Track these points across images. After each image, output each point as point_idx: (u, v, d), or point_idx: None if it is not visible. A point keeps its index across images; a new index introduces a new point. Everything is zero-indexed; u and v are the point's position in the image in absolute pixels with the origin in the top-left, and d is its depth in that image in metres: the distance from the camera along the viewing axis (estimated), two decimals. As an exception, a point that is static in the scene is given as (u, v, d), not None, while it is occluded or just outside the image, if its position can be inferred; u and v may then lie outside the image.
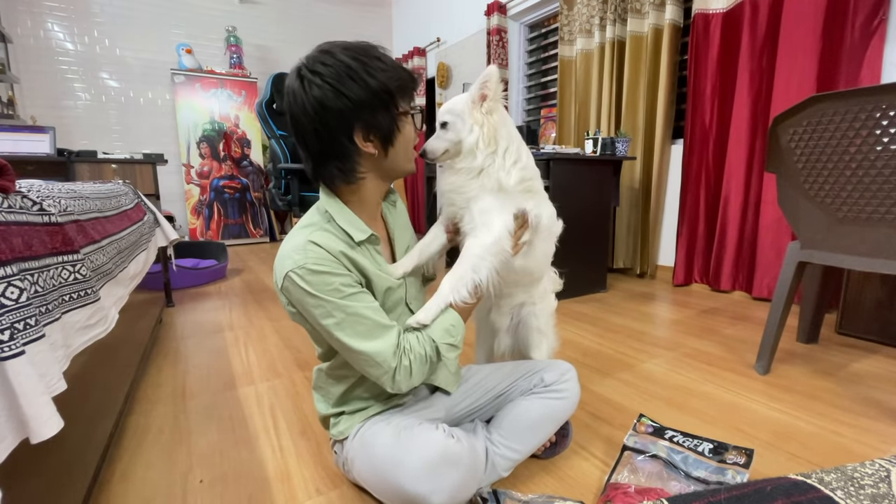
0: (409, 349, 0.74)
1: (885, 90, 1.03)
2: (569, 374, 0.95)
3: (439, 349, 0.77)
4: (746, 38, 2.21)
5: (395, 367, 0.72)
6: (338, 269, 0.72)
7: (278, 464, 0.99)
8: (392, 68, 0.73)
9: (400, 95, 0.75)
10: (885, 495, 0.46)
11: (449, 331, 0.78)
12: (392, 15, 5.45)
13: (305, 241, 0.71)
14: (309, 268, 0.69)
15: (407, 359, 0.74)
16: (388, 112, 0.74)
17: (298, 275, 0.69)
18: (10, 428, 0.50)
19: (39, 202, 0.71)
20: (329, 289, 0.70)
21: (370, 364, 0.72)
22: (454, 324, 0.79)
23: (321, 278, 0.70)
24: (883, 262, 1.16)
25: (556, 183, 2.26)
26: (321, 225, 0.76)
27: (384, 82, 0.72)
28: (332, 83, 0.69)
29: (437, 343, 0.77)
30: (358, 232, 0.77)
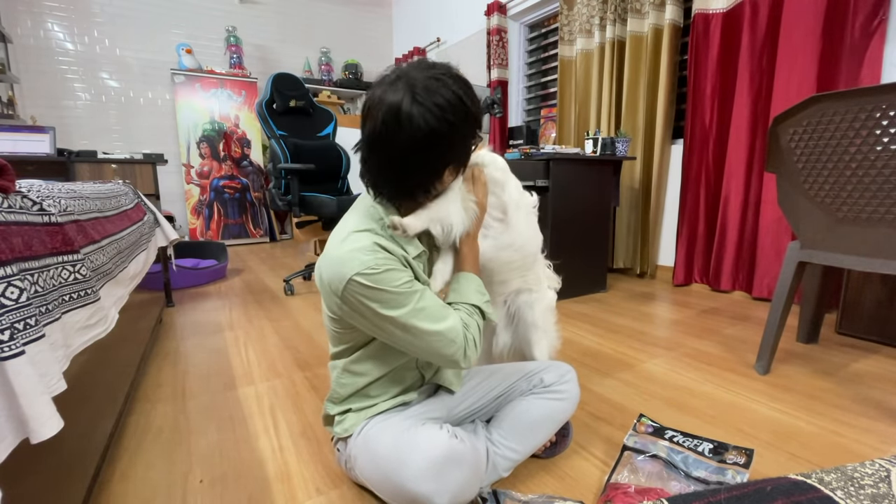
0: (467, 322, 0.78)
1: (885, 90, 1.03)
2: (569, 375, 0.95)
3: (482, 310, 0.81)
4: (746, 38, 2.21)
5: (465, 344, 0.77)
6: (402, 267, 0.74)
7: (278, 464, 0.99)
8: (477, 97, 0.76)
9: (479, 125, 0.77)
10: (885, 495, 0.46)
11: (479, 290, 0.83)
12: (392, 15, 5.45)
13: (372, 243, 0.72)
14: (377, 267, 0.70)
15: (469, 333, 0.78)
16: (470, 138, 0.76)
17: (366, 275, 0.69)
18: (10, 428, 0.50)
19: (39, 202, 0.71)
20: (399, 283, 0.72)
21: (445, 343, 0.75)
22: (476, 288, 0.83)
23: (391, 275, 0.71)
24: (883, 262, 1.16)
25: (556, 183, 2.26)
26: (379, 231, 0.76)
27: (478, 113, 0.75)
28: (446, 115, 0.70)
29: (479, 305, 0.81)
30: (413, 248, 0.79)
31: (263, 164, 4.55)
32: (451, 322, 0.76)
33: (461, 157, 0.77)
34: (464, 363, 0.78)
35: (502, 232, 0.92)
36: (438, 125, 0.69)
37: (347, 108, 5.19)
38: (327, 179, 2.82)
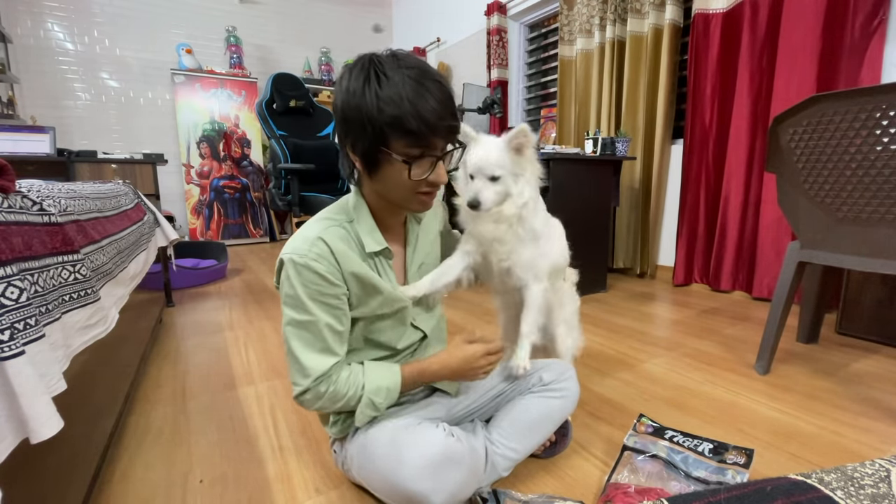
0: (333, 381, 0.74)
1: (885, 90, 1.03)
2: (568, 373, 0.95)
3: (361, 399, 0.76)
4: (746, 38, 2.21)
5: (311, 388, 0.73)
6: (330, 276, 0.72)
7: (278, 464, 0.99)
8: (401, 103, 0.63)
9: (393, 134, 0.65)
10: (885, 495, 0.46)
11: (381, 391, 0.77)
12: (392, 15, 5.45)
13: (316, 237, 0.72)
14: (305, 262, 0.70)
15: (325, 387, 0.73)
16: (372, 143, 0.67)
17: (294, 262, 0.71)
18: (10, 428, 0.50)
19: (39, 202, 0.71)
20: (311, 288, 0.71)
21: (298, 372, 0.74)
22: (390, 388, 0.77)
23: (311, 276, 0.71)
24: (883, 262, 1.16)
25: (556, 183, 2.25)
26: (342, 222, 0.77)
27: (376, 113, 0.64)
28: (348, 82, 0.66)
29: (364, 394, 0.76)
30: (372, 243, 0.77)
31: (263, 164, 4.55)
32: (318, 362, 0.73)
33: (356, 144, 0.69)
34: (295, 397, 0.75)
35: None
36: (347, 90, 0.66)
37: (347, 108, 5.19)
38: (327, 179, 2.82)
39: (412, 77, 0.64)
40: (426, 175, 0.70)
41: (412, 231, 0.88)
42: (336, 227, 0.75)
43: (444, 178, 0.73)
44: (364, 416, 0.76)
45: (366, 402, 0.75)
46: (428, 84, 0.65)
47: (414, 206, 0.77)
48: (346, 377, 0.75)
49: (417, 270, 0.89)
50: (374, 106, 0.63)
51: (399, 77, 0.64)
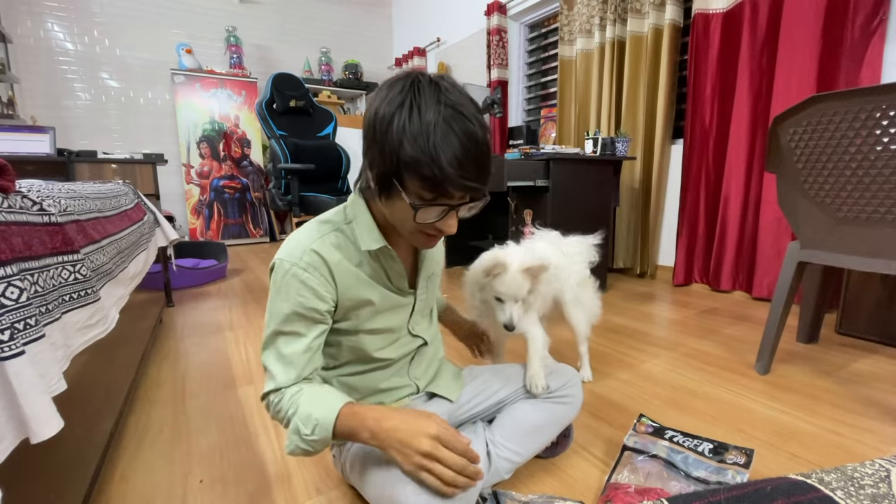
0: (281, 396, 0.70)
1: (885, 90, 1.03)
2: (573, 380, 0.95)
3: (291, 423, 0.68)
4: (746, 38, 2.21)
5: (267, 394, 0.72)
6: (319, 289, 0.70)
7: (278, 464, 0.99)
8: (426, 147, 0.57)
9: (407, 172, 0.60)
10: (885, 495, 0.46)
11: (310, 421, 0.66)
12: (392, 15, 5.45)
13: (308, 248, 0.70)
14: (295, 271, 0.69)
15: (276, 398, 0.71)
16: (387, 172, 0.62)
17: (284, 269, 0.70)
18: (10, 428, 0.50)
19: (39, 202, 0.71)
20: (294, 299, 0.70)
21: (267, 374, 0.73)
22: (320, 421, 0.65)
23: (297, 286, 0.69)
24: (883, 262, 1.16)
25: (556, 183, 2.25)
26: (338, 225, 0.74)
27: (399, 146, 0.59)
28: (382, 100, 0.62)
29: (295, 419, 0.68)
30: (370, 241, 0.72)
31: (263, 164, 4.55)
32: (284, 374, 0.70)
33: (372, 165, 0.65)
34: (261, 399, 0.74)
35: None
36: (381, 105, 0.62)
37: (347, 108, 5.19)
38: (327, 179, 2.82)
39: (445, 118, 0.58)
40: (434, 221, 0.65)
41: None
42: (332, 233, 0.73)
43: (453, 230, 0.67)
44: (291, 443, 0.67)
45: (293, 427, 0.67)
46: (459, 129, 0.59)
47: (414, 242, 0.73)
48: (293, 395, 0.70)
49: (427, 280, 0.87)
50: (396, 138, 0.59)
51: (432, 114, 0.58)
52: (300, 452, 0.67)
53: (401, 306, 0.82)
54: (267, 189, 4.34)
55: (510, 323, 0.98)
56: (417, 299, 0.85)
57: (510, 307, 0.99)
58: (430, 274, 0.88)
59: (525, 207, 2.46)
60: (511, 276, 0.98)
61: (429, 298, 0.89)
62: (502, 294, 0.99)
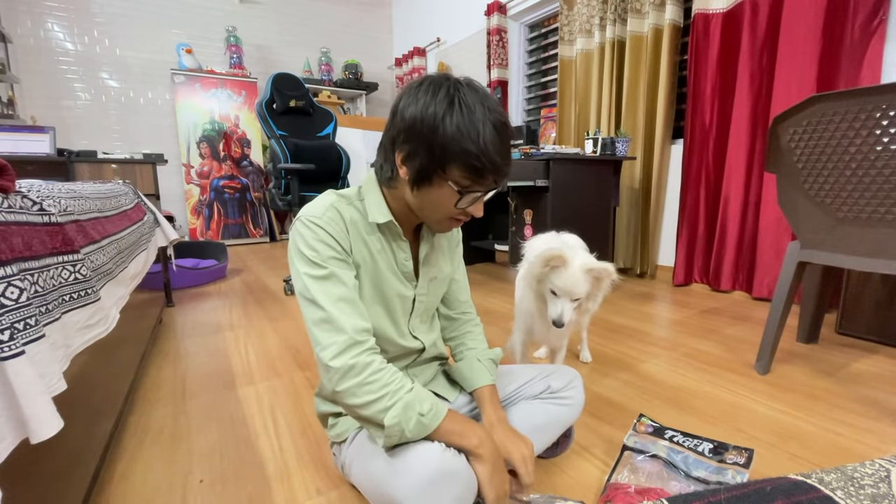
0: (375, 353, 0.69)
1: (885, 90, 1.03)
2: (575, 382, 0.95)
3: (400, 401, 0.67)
4: (746, 38, 2.21)
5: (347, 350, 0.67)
6: (342, 242, 0.73)
7: (278, 464, 0.99)
8: (477, 140, 0.65)
9: (457, 163, 0.67)
10: (885, 495, 0.46)
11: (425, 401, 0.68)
12: (392, 15, 5.45)
13: (329, 205, 0.74)
14: (321, 223, 0.72)
15: (365, 359, 0.68)
16: (432, 163, 0.68)
17: (306, 220, 0.72)
18: (10, 428, 0.50)
19: (39, 202, 0.71)
20: (326, 245, 0.72)
21: (329, 330, 0.69)
22: (434, 405, 0.69)
23: (325, 236, 0.72)
24: (883, 263, 1.16)
25: (556, 183, 2.26)
26: (352, 200, 0.78)
27: (450, 140, 0.65)
28: (428, 101, 0.67)
29: (407, 395, 0.67)
30: (378, 214, 0.76)
31: (263, 164, 4.55)
32: (354, 321, 0.69)
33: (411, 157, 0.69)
34: (326, 366, 0.68)
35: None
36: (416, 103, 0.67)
37: (347, 108, 5.19)
38: (327, 179, 2.82)
39: (492, 119, 0.67)
40: (467, 206, 0.73)
41: (426, 240, 0.86)
42: (347, 205, 0.77)
43: (481, 213, 0.75)
44: (397, 418, 0.66)
45: (407, 402, 0.66)
46: (501, 127, 0.68)
47: (439, 227, 0.78)
48: (394, 371, 0.69)
49: (429, 281, 0.87)
50: (452, 134, 0.65)
51: (480, 113, 0.66)
52: (398, 430, 0.66)
53: (402, 294, 0.82)
54: (267, 189, 4.34)
55: (560, 319, 0.97)
56: (418, 297, 0.84)
57: (563, 303, 0.98)
58: (433, 277, 0.88)
59: (525, 207, 2.46)
60: (571, 272, 0.97)
61: (429, 301, 0.88)
62: (558, 288, 0.98)
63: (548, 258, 0.98)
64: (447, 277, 0.93)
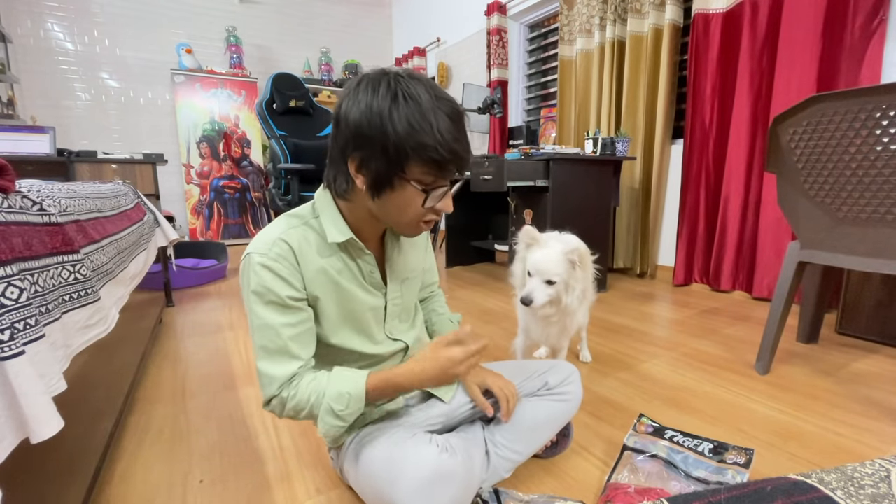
0: (295, 386, 0.71)
1: (885, 90, 1.03)
2: (573, 377, 0.95)
3: (321, 406, 0.70)
4: (746, 38, 2.21)
5: (275, 395, 0.71)
6: (290, 278, 0.70)
7: (278, 464, 0.99)
8: (432, 131, 0.62)
9: (415, 159, 0.63)
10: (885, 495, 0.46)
11: (342, 398, 0.69)
12: (392, 15, 5.45)
13: (277, 238, 0.71)
14: (264, 262, 0.69)
15: (287, 393, 0.70)
16: (390, 166, 0.64)
17: (252, 262, 0.69)
18: (10, 428, 0.50)
19: (39, 202, 0.71)
20: (266, 290, 0.69)
21: (263, 380, 0.72)
22: (352, 394, 0.70)
23: (268, 276, 0.69)
24: (883, 263, 1.16)
25: (556, 183, 2.26)
26: (306, 219, 0.75)
27: (403, 137, 0.62)
28: (370, 99, 0.63)
29: (324, 401, 0.70)
30: (336, 233, 0.72)
31: (263, 164, 4.55)
32: (275, 369, 0.70)
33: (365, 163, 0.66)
34: (263, 405, 0.73)
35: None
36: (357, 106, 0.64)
37: (347, 108, 5.18)
38: (327, 179, 2.82)
39: (442, 107, 0.64)
40: (436, 203, 0.69)
41: (391, 245, 0.83)
42: (299, 227, 0.73)
43: (451, 207, 0.72)
44: (326, 425, 0.70)
45: (325, 408, 0.69)
46: (450, 110, 0.64)
47: (408, 231, 0.75)
48: (309, 382, 0.71)
49: (401, 284, 0.85)
50: (404, 130, 0.61)
51: (428, 102, 0.63)
52: (335, 431, 0.71)
53: (373, 306, 0.80)
54: (267, 189, 4.34)
55: (528, 296, 0.97)
56: (389, 302, 0.83)
57: (536, 282, 0.98)
58: (405, 278, 0.86)
59: (525, 207, 2.46)
60: (544, 251, 0.97)
61: (405, 303, 0.87)
62: (532, 267, 0.98)
63: (523, 236, 0.99)
64: (420, 271, 0.91)
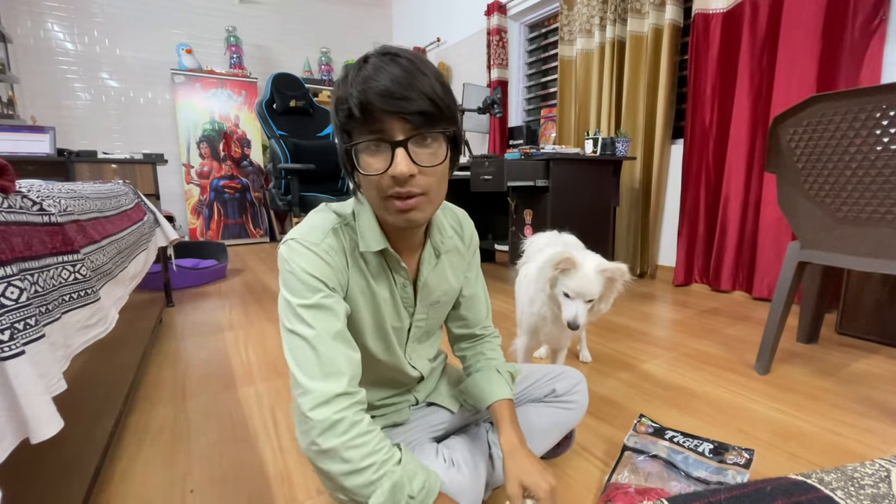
0: (361, 416, 0.58)
1: (885, 90, 1.03)
2: (580, 386, 0.94)
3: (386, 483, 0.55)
4: (746, 38, 2.21)
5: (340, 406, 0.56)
6: (339, 273, 0.64)
7: (278, 464, 0.99)
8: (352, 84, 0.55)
9: (347, 123, 0.56)
10: (885, 495, 0.46)
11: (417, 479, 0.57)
12: (392, 15, 5.45)
13: (329, 230, 0.64)
14: (315, 250, 0.62)
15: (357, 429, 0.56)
16: (341, 140, 0.59)
17: (302, 247, 0.62)
18: (10, 428, 0.50)
19: (39, 202, 0.71)
20: (320, 275, 0.61)
21: (321, 367, 0.58)
22: (427, 483, 0.58)
23: (319, 265, 0.62)
24: (883, 263, 1.16)
25: (556, 183, 2.26)
26: (348, 220, 0.67)
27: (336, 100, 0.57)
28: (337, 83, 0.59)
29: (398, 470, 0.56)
30: (372, 241, 0.65)
31: (263, 164, 4.55)
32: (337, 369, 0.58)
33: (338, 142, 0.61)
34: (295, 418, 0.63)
35: None
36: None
37: (347, 108, 5.18)
38: (327, 179, 2.82)
39: (381, 61, 0.55)
40: (384, 170, 0.56)
41: (427, 262, 0.74)
42: (345, 226, 0.67)
43: (401, 168, 0.55)
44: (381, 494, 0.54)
45: (395, 481, 0.55)
46: (391, 62, 0.55)
47: (392, 218, 0.62)
48: (378, 433, 0.58)
49: (429, 306, 0.77)
50: (338, 95, 0.57)
51: (372, 62, 0.55)
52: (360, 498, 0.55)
53: (396, 326, 0.73)
54: (267, 189, 4.34)
55: (574, 321, 0.96)
56: (414, 324, 0.77)
57: (577, 305, 0.97)
58: (436, 301, 0.78)
59: (525, 207, 2.46)
60: (584, 273, 0.97)
61: (428, 326, 0.81)
62: (571, 290, 0.98)
63: (557, 261, 0.98)
64: (453, 295, 0.83)
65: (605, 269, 0.98)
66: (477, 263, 0.89)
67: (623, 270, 0.98)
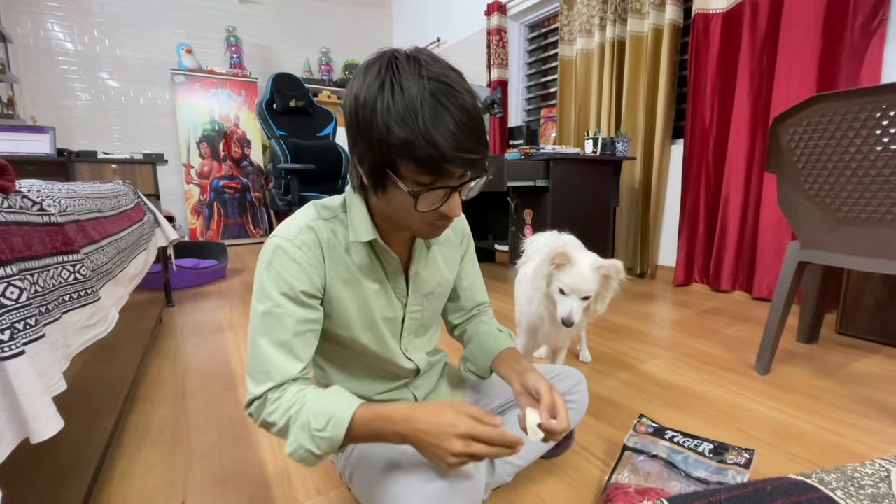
0: (281, 393, 0.62)
1: (885, 90, 1.03)
2: (580, 385, 0.94)
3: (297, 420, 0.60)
4: (746, 38, 2.21)
5: (258, 397, 0.63)
6: (309, 270, 0.65)
7: (278, 464, 0.99)
8: (414, 124, 0.52)
9: (401, 158, 0.55)
10: (885, 495, 0.46)
11: (322, 416, 0.59)
12: (392, 15, 5.45)
13: (306, 225, 0.66)
14: (287, 248, 0.64)
15: (273, 395, 0.62)
16: (380, 163, 0.57)
17: (277, 245, 0.64)
18: (10, 428, 0.50)
19: (39, 202, 0.71)
20: (286, 275, 0.63)
21: (259, 372, 0.64)
22: (336, 417, 0.59)
23: (288, 264, 0.64)
24: (883, 263, 1.16)
25: (556, 183, 2.26)
26: (337, 212, 0.69)
27: (384, 128, 0.54)
28: (361, 84, 0.57)
29: (304, 414, 0.60)
30: (362, 231, 0.66)
31: (263, 164, 4.55)
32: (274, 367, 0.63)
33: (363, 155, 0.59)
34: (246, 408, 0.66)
35: None
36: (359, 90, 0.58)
37: (347, 108, 5.19)
38: (327, 179, 2.82)
39: (432, 92, 0.53)
40: (436, 207, 0.59)
41: (419, 254, 0.75)
42: (329, 220, 0.68)
43: (458, 212, 0.61)
44: (296, 442, 0.59)
45: (302, 422, 0.59)
46: (449, 102, 0.54)
47: (420, 234, 0.67)
48: (296, 392, 0.63)
49: (423, 297, 0.78)
50: (383, 123, 0.54)
51: (417, 89, 0.53)
52: (303, 453, 0.59)
53: (387, 318, 0.74)
54: (267, 189, 4.33)
55: (569, 318, 0.96)
56: (408, 315, 0.77)
57: (572, 301, 0.97)
58: (430, 292, 0.79)
59: (525, 207, 2.46)
60: (578, 270, 0.96)
61: (424, 318, 0.81)
62: (567, 286, 0.97)
63: (553, 256, 0.98)
64: (448, 286, 0.84)
65: (600, 266, 0.98)
66: (472, 253, 0.90)
67: (618, 267, 0.98)
